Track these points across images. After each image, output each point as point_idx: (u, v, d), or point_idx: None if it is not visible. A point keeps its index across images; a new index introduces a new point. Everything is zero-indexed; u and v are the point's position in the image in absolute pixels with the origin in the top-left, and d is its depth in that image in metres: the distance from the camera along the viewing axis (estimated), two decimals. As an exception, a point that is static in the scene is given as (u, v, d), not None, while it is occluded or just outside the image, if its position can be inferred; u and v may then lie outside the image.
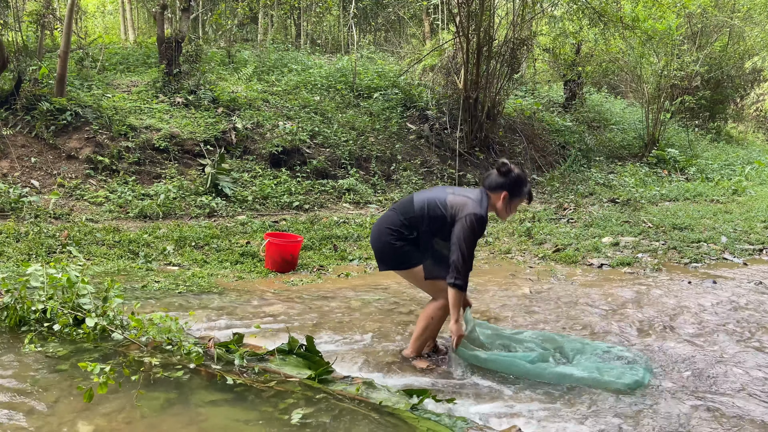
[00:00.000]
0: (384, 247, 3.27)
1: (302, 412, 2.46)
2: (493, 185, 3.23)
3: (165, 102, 9.42)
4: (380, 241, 3.29)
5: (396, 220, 3.26)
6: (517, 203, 3.25)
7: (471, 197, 3.20)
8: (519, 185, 3.22)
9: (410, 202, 3.28)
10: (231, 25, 13.46)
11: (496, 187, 3.22)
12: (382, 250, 3.30)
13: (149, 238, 6.00)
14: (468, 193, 3.25)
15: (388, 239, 3.25)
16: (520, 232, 7.10)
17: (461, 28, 10.51)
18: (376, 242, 3.32)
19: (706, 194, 10.09)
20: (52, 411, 2.43)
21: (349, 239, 6.62)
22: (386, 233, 3.26)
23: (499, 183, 3.22)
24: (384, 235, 3.26)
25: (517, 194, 3.23)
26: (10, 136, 7.62)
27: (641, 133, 14.08)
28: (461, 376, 3.19)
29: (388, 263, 3.31)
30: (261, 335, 3.57)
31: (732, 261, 6.08)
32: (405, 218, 3.24)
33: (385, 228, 3.27)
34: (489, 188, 3.25)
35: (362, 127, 10.38)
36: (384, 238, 3.26)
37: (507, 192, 3.21)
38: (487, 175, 3.31)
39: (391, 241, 3.24)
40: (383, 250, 3.29)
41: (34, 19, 9.38)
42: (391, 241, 3.24)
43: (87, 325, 3.04)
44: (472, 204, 3.15)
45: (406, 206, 3.28)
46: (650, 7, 12.28)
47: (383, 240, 3.27)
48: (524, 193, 3.26)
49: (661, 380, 3.19)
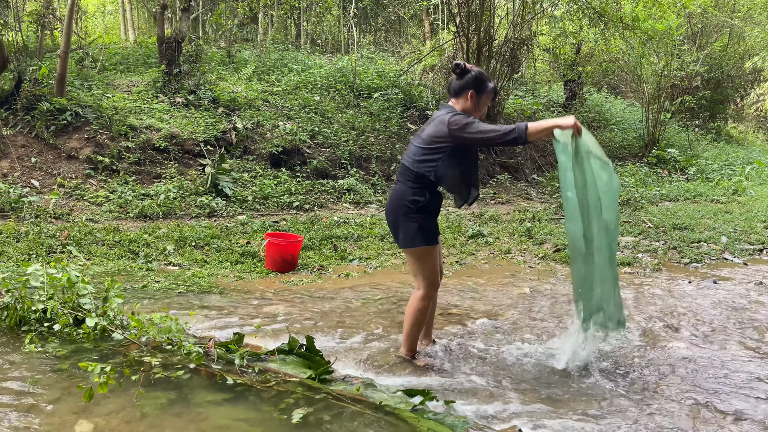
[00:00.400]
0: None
1: (302, 412, 2.46)
2: (457, 89, 3.24)
3: (165, 102, 9.42)
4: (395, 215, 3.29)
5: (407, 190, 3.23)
6: (485, 100, 3.26)
7: (441, 114, 3.21)
8: (482, 81, 3.23)
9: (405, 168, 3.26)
10: (231, 25, 13.47)
11: (460, 90, 3.23)
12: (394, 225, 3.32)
13: (149, 238, 6.00)
14: (436, 116, 3.24)
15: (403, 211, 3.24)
16: (521, 232, 7.10)
17: (461, 28, 10.51)
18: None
19: (706, 194, 10.09)
20: (53, 410, 2.43)
21: (349, 239, 6.62)
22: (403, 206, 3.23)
23: (461, 85, 3.23)
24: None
25: (483, 90, 3.23)
26: (10, 136, 7.62)
27: (641, 133, 14.08)
28: (461, 374, 3.19)
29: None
30: (261, 335, 3.57)
31: (732, 261, 6.08)
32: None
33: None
34: (455, 95, 3.26)
35: (362, 127, 10.38)
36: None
37: (473, 90, 3.22)
38: (447, 85, 3.29)
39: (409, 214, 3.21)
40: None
41: (34, 19, 9.38)
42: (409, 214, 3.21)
43: (87, 325, 3.04)
44: (446, 113, 3.17)
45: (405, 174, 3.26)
46: (650, 7, 12.28)
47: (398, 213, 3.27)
48: (489, 88, 3.27)
49: (661, 380, 3.19)
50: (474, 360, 3.44)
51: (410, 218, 3.22)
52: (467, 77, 3.23)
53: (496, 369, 3.33)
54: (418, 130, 3.29)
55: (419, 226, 3.22)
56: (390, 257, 6.06)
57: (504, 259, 6.14)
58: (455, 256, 6.15)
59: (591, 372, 3.27)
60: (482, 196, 9.68)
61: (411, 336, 3.38)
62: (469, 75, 3.23)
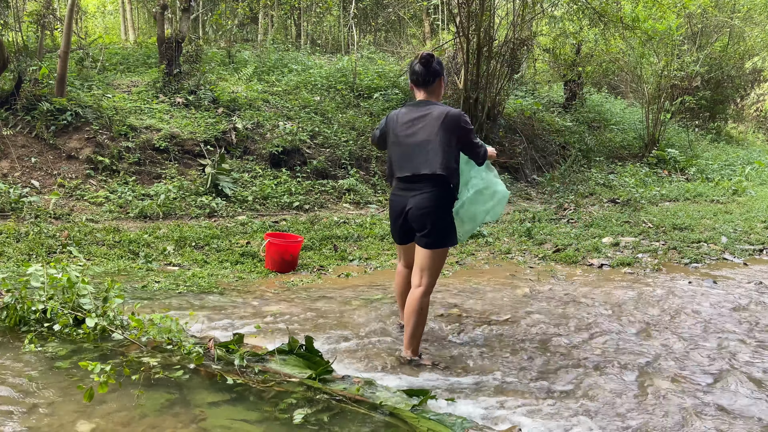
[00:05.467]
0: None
1: (303, 412, 2.46)
2: (431, 79, 3.35)
3: (165, 102, 9.42)
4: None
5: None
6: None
7: (440, 110, 3.28)
8: (442, 65, 3.43)
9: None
10: (231, 25, 13.47)
11: (434, 78, 3.36)
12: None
13: (149, 239, 6.00)
14: (434, 112, 3.29)
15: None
16: (520, 233, 7.10)
17: (461, 29, 10.51)
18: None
19: (707, 194, 10.09)
20: (53, 410, 2.43)
21: (349, 239, 6.62)
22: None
23: (435, 72, 3.34)
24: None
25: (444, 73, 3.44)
26: (11, 136, 7.62)
27: (641, 134, 14.08)
28: (462, 372, 3.19)
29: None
30: (261, 335, 3.57)
31: (732, 261, 6.08)
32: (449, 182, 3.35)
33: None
34: (427, 85, 3.36)
35: (362, 127, 10.38)
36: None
37: (443, 75, 3.40)
38: (423, 80, 3.35)
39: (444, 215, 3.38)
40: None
41: (34, 19, 9.39)
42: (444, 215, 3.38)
43: (87, 325, 3.04)
44: (447, 111, 3.28)
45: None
46: (650, 8, 12.28)
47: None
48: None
49: (661, 380, 3.19)
50: (478, 354, 3.44)
51: (445, 220, 3.32)
52: (434, 64, 3.33)
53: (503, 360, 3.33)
54: (414, 129, 3.32)
55: (452, 226, 3.37)
56: (390, 257, 6.06)
57: (504, 260, 6.14)
58: (455, 256, 6.15)
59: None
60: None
61: (417, 336, 3.36)
62: (435, 61, 3.33)
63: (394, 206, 3.43)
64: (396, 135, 3.37)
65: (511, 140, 11.73)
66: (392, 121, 3.43)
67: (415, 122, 3.31)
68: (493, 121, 11.16)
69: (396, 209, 3.41)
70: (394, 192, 3.45)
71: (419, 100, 3.37)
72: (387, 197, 8.91)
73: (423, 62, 3.30)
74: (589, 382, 3.17)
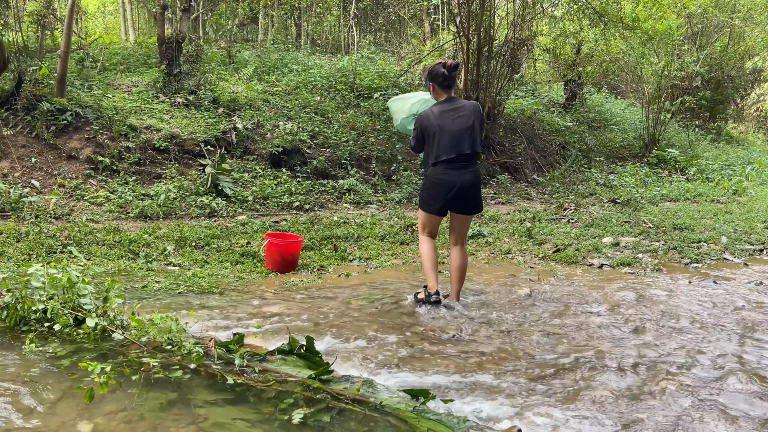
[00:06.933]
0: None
1: (303, 413, 2.46)
2: (453, 82, 4.34)
3: (165, 102, 9.42)
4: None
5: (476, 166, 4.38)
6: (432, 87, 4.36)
7: (470, 104, 4.33)
8: (428, 75, 4.35)
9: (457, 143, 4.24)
10: (231, 25, 13.47)
11: (454, 81, 4.34)
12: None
13: (150, 239, 6.00)
14: (467, 106, 4.29)
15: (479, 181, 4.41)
16: (521, 233, 7.10)
17: (461, 29, 10.52)
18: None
19: (707, 194, 10.09)
20: (53, 411, 2.43)
21: (350, 239, 6.62)
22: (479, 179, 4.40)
23: (455, 77, 4.32)
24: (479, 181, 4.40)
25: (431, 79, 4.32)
26: (11, 136, 7.62)
27: (641, 134, 14.09)
28: (461, 372, 3.20)
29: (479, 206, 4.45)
30: (261, 335, 3.57)
31: (732, 261, 6.08)
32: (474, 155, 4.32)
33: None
34: (450, 88, 4.33)
35: (363, 128, 10.38)
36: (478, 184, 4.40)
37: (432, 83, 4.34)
38: (449, 84, 4.28)
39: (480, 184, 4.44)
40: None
41: (34, 19, 9.39)
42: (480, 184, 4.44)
43: (87, 325, 3.04)
44: (475, 105, 4.38)
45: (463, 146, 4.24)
46: (650, 8, 12.29)
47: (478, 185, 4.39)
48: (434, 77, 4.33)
49: (662, 380, 3.19)
50: (479, 354, 3.44)
51: (480, 190, 4.40)
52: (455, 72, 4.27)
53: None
54: (455, 119, 4.21)
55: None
56: (390, 257, 6.06)
57: (504, 260, 6.14)
58: (455, 256, 6.15)
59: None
60: (483, 196, 9.68)
61: (463, 284, 4.49)
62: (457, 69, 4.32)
63: (446, 183, 4.23)
64: (440, 126, 4.19)
65: (511, 140, 11.74)
66: (428, 119, 4.24)
67: (454, 113, 4.21)
68: (493, 121, 11.16)
69: (447, 186, 4.23)
70: (441, 172, 4.25)
71: (448, 97, 4.28)
72: (387, 197, 8.91)
73: (451, 68, 4.20)
74: (589, 382, 3.17)
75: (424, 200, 4.40)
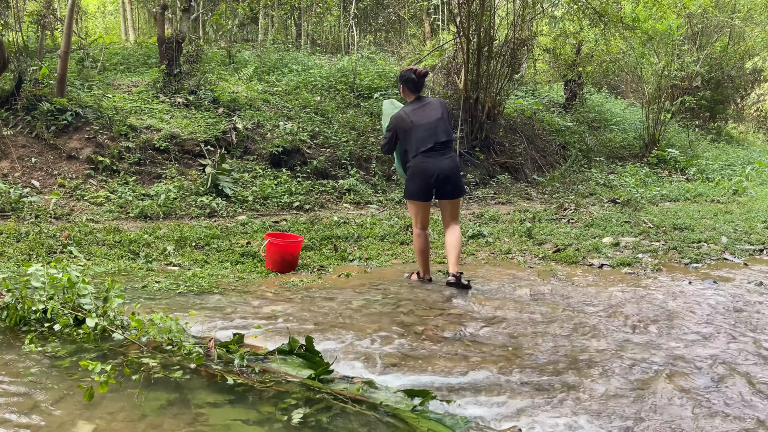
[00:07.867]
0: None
1: (303, 413, 2.46)
2: (421, 87, 4.87)
3: (165, 102, 9.42)
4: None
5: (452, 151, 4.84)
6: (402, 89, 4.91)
7: (436, 101, 4.86)
8: (399, 78, 4.93)
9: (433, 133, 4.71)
10: (231, 25, 13.47)
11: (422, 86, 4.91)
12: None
13: (150, 239, 6.00)
14: (433, 102, 4.83)
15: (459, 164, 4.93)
16: (521, 233, 7.10)
17: (461, 29, 10.51)
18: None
19: (707, 194, 10.08)
20: (53, 410, 2.43)
21: (350, 239, 6.62)
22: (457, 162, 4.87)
23: (423, 83, 4.88)
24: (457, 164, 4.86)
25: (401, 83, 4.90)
26: (11, 136, 7.63)
27: (641, 134, 14.08)
28: (461, 371, 3.19)
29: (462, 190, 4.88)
30: (261, 335, 3.57)
31: (732, 261, 6.08)
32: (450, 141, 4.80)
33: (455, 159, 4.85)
34: (420, 90, 4.91)
35: (363, 128, 10.38)
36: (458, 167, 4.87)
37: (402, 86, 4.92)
38: (419, 88, 4.83)
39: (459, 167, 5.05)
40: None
41: (34, 19, 9.39)
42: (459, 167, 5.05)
43: (87, 325, 3.04)
44: (438, 99, 5.03)
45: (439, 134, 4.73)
46: (650, 8, 12.29)
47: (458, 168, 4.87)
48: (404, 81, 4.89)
49: (661, 380, 3.19)
50: (479, 353, 3.44)
51: (460, 173, 4.84)
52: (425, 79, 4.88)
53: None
54: (426, 113, 4.73)
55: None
56: (390, 257, 6.06)
57: (504, 260, 6.14)
58: (455, 256, 6.15)
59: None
60: (482, 196, 9.69)
61: (459, 258, 4.80)
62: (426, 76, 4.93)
63: (427, 170, 4.63)
64: (413, 122, 4.67)
65: (511, 140, 11.73)
66: (402, 119, 4.71)
67: (423, 109, 4.73)
68: (493, 121, 11.16)
69: (428, 172, 4.63)
70: (421, 161, 4.64)
71: (417, 97, 4.82)
72: (387, 197, 8.92)
73: (421, 75, 4.78)
74: (589, 382, 3.17)
75: (410, 190, 4.81)
